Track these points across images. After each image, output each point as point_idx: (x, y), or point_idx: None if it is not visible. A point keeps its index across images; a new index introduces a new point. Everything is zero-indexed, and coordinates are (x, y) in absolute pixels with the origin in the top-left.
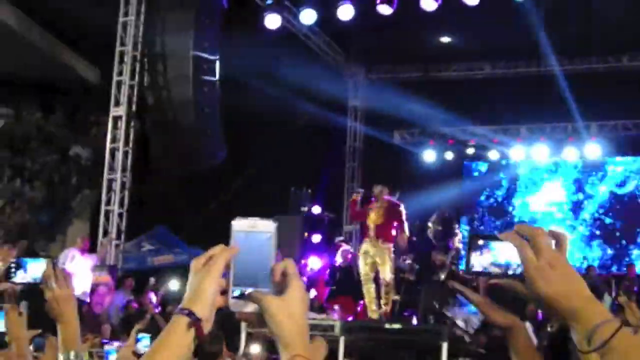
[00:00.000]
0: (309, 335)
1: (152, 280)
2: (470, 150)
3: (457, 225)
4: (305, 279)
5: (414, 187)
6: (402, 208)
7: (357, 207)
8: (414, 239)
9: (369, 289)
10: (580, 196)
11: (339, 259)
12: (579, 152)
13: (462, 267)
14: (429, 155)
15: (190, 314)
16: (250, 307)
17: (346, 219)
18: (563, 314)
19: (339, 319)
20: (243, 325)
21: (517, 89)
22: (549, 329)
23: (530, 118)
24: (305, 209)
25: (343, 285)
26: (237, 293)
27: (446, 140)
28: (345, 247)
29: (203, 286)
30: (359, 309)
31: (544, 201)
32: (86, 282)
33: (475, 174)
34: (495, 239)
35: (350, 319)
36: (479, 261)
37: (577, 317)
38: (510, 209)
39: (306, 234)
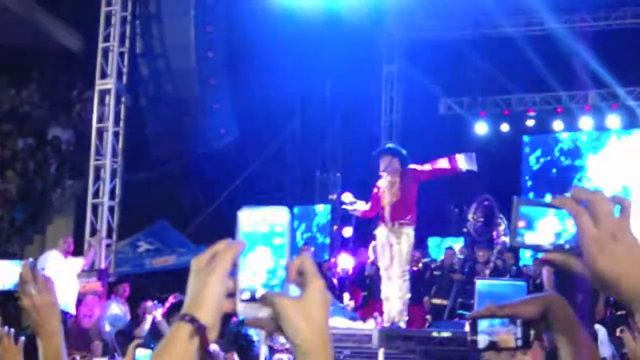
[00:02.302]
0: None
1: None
2: (529, 122)
3: (500, 215)
4: (335, 280)
5: None
6: (414, 165)
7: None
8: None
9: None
10: None
11: (371, 255)
12: None
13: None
14: (480, 128)
15: (193, 320)
16: (263, 312)
17: None
18: (626, 295)
19: (377, 328)
20: (262, 335)
21: (586, 47)
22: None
23: (602, 81)
24: (334, 196)
25: (376, 287)
26: (246, 296)
27: (501, 110)
28: None
29: (207, 289)
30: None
31: (620, 182)
32: (72, 291)
33: (537, 150)
34: (547, 205)
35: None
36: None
37: None
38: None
39: (336, 227)
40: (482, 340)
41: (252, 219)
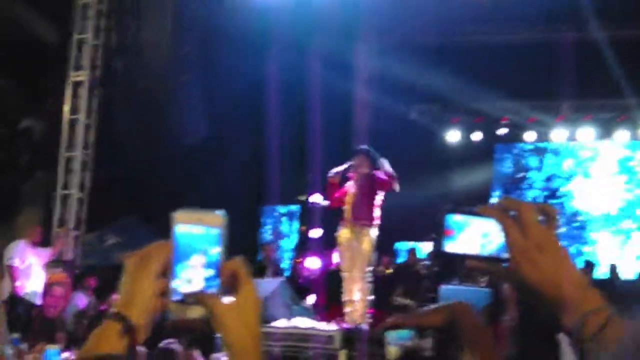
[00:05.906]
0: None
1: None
2: (502, 130)
3: None
4: (301, 281)
5: (435, 174)
6: (381, 165)
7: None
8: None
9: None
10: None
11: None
12: (631, 134)
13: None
14: (452, 136)
15: (124, 319)
16: (195, 312)
17: None
18: (550, 304)
19: (339, 329)
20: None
21: (557, 58)
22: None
23: (574, 93)
24: (304, 197)
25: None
26: (179, 296)
27: (473, 118)
28: None
29: (138, 288)
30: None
31: (594, 196)
32: (38, 281)
33: (509, 159)
34: (475, 214)
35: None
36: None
37: (566, 307)
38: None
39: (303, 228)
40: (393, 352)
41: (187, 221)
